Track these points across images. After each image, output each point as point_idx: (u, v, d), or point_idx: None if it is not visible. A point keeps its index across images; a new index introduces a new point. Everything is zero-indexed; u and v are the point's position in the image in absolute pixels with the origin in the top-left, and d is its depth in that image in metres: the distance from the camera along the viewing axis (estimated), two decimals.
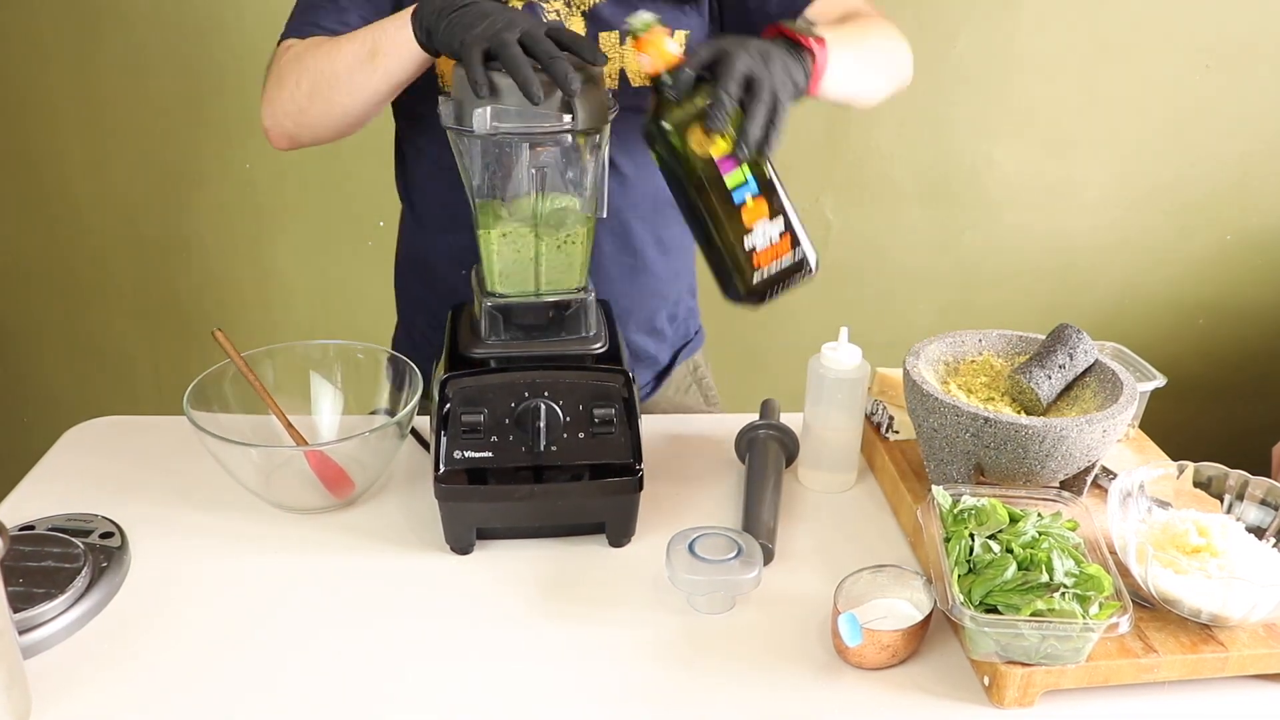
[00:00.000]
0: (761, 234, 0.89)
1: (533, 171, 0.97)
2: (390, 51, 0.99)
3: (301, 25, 1.13)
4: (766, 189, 0.89)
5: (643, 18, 0.89)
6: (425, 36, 0.97)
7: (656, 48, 0.88)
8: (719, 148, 0.87)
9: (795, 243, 0.91)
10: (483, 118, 0.90)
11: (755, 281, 0.91)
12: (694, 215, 0.92)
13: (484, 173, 0.99)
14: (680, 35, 1.13)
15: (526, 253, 1.01)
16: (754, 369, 2.25)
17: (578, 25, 1.14)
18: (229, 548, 1.04)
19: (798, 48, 0.93)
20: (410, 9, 0.98)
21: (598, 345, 1.05)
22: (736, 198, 0.88)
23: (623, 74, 1.17)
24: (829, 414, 1.12)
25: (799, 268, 0.92)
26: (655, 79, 0.89)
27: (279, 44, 1.13)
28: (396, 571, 1.01)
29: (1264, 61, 2.07)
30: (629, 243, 1.27)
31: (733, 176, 0.88)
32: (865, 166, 2.14)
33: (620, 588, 0.99)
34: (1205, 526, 0.93)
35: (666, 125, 0.87)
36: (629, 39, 0.90)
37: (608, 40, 1.15)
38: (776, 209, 0.90)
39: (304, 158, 2.03)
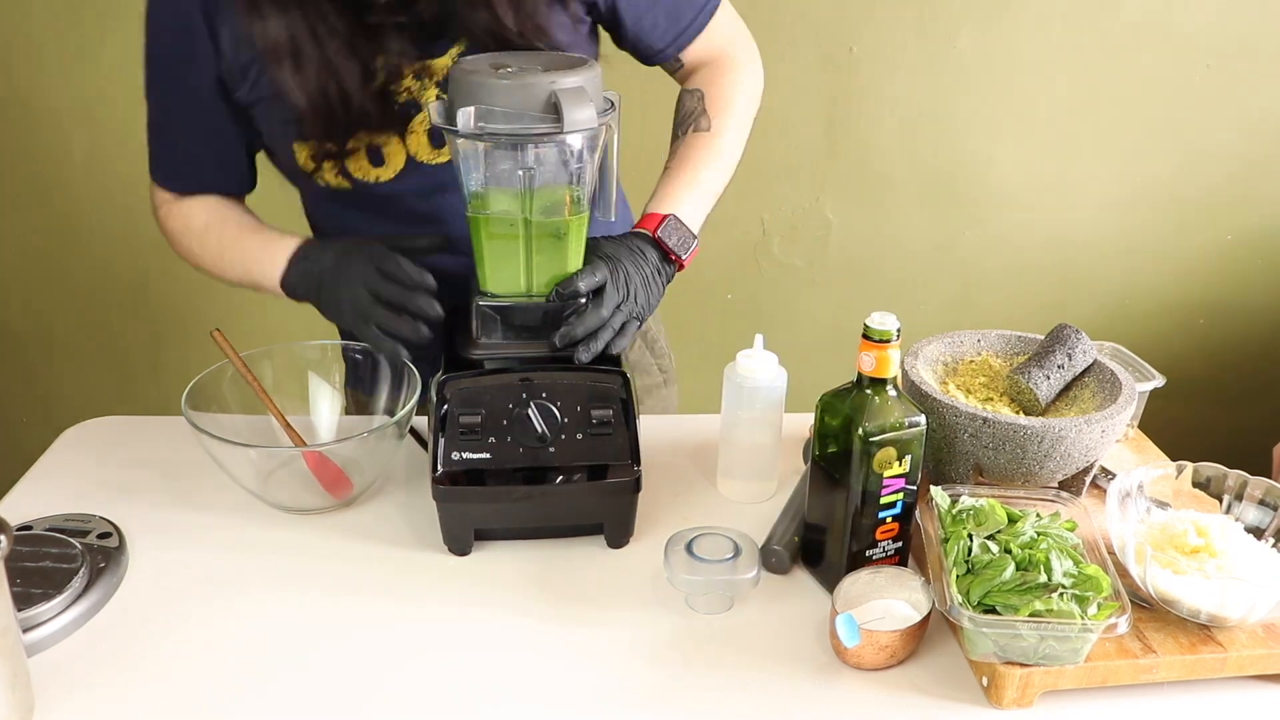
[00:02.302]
0: (881, 549, 0.97)
1: (520, 172, 0.97)
2: (270, 290, 1.12)
3: (166, 172, 1.18)
4: (906, 516, 0.97)
5: (888, 325, 0.90)
6: (304, 300, 1.09)
7: (886, 360, 0.90)
8: (894, 470, 0.93)
9: (902, 562, 1.00)
10: (467, 117, 0.90)
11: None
12: (831, 495, 0.96)
13: (474, 171, 0.99)
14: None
15: (515, 252, 1.01)
16: None
17: (431, 96, 1.09)
18: (227, 548, 1.04)
19: (668, 259, 1.08)
20: (280, 260, 1.11)
21: None
22: (882, 514, 0.95)
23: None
24: (746, 423, 1.09)
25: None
26: (861, 376, 0.92)
27: (152, 183, 1.19)
28: (395, 572, 1.01)
29: (1264, 61, 2.07)
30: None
31: (890, 498, 0.94)
32: (865, 166, 2.14)
33: (618, 588, 0.99)
34: (1204, 527, 0.93)
35: (864, 429, 0.90)
36: (863, 337, 0.91)
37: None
38: (904, 532, 0.98)
39: None
